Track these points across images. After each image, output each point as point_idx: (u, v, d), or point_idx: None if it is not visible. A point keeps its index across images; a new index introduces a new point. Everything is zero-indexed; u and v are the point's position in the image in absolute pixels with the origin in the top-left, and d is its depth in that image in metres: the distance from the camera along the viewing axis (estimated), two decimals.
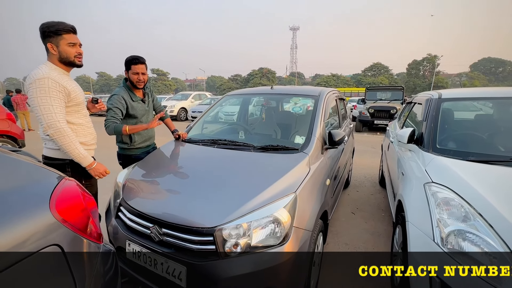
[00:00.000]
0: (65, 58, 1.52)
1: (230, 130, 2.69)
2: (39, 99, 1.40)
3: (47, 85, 1.41)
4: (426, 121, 2.13)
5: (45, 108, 1.41)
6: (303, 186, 1.53)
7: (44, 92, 1.40)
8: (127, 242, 1.48)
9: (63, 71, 1.55)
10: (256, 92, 2.98)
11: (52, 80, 1.43)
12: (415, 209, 1.55)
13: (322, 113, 2.17)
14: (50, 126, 1.42)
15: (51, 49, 1.49)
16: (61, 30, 1.48)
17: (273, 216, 1.31)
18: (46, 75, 1.42)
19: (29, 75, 1.45)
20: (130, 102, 2.09)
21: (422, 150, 1.92)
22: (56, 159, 1.58)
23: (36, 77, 1.40)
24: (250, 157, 1.83)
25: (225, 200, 1.42)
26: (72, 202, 0.83)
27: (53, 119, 1.42)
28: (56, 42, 1.49)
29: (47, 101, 1.41)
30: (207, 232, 1.27)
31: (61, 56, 1.51)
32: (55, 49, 1.49)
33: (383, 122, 9.65)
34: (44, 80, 1.40)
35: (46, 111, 1.41)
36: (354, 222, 2.85)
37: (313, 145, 1.88)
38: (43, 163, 1.59)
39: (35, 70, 1.46)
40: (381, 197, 3.55)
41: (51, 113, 1.42)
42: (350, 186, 3.96)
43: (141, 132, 2.18)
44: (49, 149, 1.58)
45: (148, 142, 2.29)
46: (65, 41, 1.50)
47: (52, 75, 1.44)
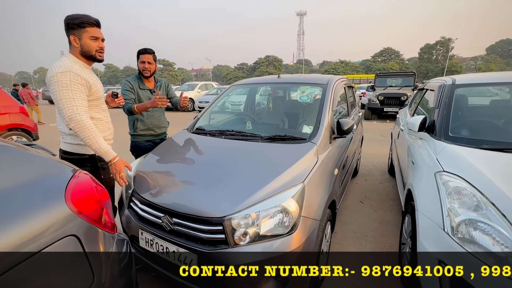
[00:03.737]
0: (87, 52, 1.51)
1: (237, 120, 2.69)
2: (61, 93, 1.39)
3: (69, 78, 1.40)
4: (438, 108, 2.06)
5: (66, 102, 1.39)
6: (311, 176, 1.53)
7: (66, 86, 1.39)
8: (140, 231, 1.53)
9: (85, 65, 1.54)
10: (263, 81, 2.94)
11: (74, 74, 1.42)
12: (425, 198, 1.53)
13: (330, 102, 2.14)
14: (71, 119, 1.41)
15: (74, 42, 1.48)
16: (85, 23, 1.47)
17: (281, 206, 1.32)
18: (68, 69, 1.41)
19: (51, 67, 1.44)
20: (137, 89, 2.25)
21: (433, 138, 1.87)
22: (74, 153, 1.59)
23: (57, 70, 1.39)
24: (258, 148, 1.84)
25: (234, 190, 1.44)
26: (86, 194, 0.86)
27: (74, 112, 1.41)
28: (79, 35, 1.47)
29: (68, 94, 1.40)
30: (216, 221, 1.30)
31: (82, 49, 1.50)
32: (78, 42, 1.48)
33: (393, 110, 9.41)
34: (66, 73, 1.40)
35: (67, 104, 1.39)
36: (362, 211, 2.85)
37: (321, 135, 1.87)
38: (61, 158, 1.62)
39: (56, 62, 1.45)
40: (390, 186, 3.52)
41: (73, 106, 1.40)
42: (359, 175, 3.93)
43: (144, 120, 2.30)
44: (67, 143, 1.59)
45: (152, 131, 2.37)
46: (87, 34, 1.48)
47: (74, 68, 1.44)
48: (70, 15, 1.49)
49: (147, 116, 2.33)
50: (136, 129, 2.32)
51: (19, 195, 0.70)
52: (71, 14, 1.49)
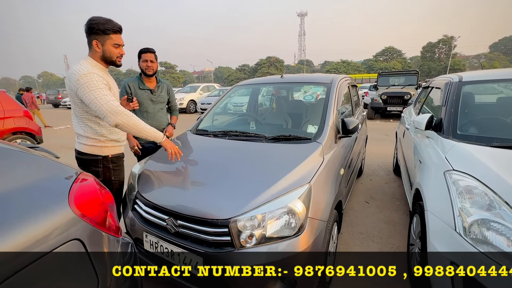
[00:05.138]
0: (108, 58, 1.52)
1: (241, 121, 2.67)
2: (93, 93, 1.38)
3: (94, 78, 1.40)
4: (445, 106, 2.03)
5: (102, 99, 1.38)
6: (317, 176, 1.50)
7: (95, 86, 1.39)
8: (144, 234, 1.51)
9: (103, 68, 1.55)
10: (266, 82, 2.92)
11: (97, 75, 1.43)
12: (435, 198, 1.50)
13: (335, 101, 2.11)
14: (115, 112, 1.39)
15: (95, 46, 1.47)
16: (110, 30, 1.46)
17: (288, 207, 1.30)
18: (90, 71, 1.41)
19: (71, 71, 1.43)
20: (135, 89, 2.27)
21: (441, 136, 1.84)
22: (89, 154, 1.59)
23: (81, 73, 1.39)
24: (262, 148, 1.82)
25: (239, 191, 1.41)
26: (90, 197, 0.85)
27: (113, 105, 1.40)
28: (102, 41, 1.47)
29: (100, 92, 1.39)
30: (222, 223, 1.28)
31: (104, 55, 1.50)
32: (100, 47, 1.48)
33: (396, 109, 9.35)
34: (90, 74, 1.40)
35: (103, 101, 1.38)
36: (368, 211, 2.81)
37: (326, 134, 1.84)
38: (76, 158, 1.64)
39: (76, 66, 1.44)
40: (396, 186, 3.48)
41: (109, 101, 1.39)
42: (364, 175, 3.89)
43: (144, 121, 2.25)
44: (82, 144, 1.59)
45: None
46: (111, 41, 1.49)
47: (95, 71, 1.44)
48: (95, 19, 1.46)
49: (147, 117, 2.33)
50: None
51: (21, 198, 0.68)
52: (95, 18, 1.47)
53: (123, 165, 1.77)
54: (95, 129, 1.56)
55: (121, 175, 1.74)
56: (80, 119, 1.55)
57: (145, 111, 2.32)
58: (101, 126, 1.57)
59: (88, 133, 1.55)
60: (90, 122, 1.54)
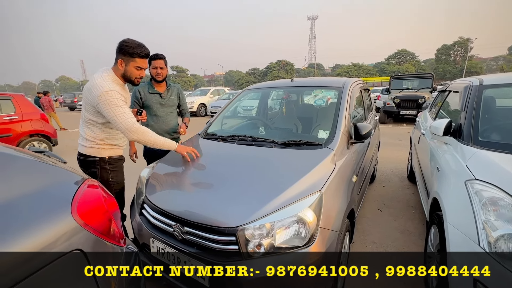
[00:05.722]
0: (128, 77, 1.62)
1: (250, 125, 2.64)
2: (113, 110, 1.49)
3: (115, 96, 1.50)
4: (465, 111, 1.92)
5: (121, 116, 1.50)
6: (328, 183, 1.44)
7: (115, 103, 1.49)
8: (151, 240, 1.49)
9: (121, 83, 1.64)
10: (276, 85, 2.88)
11: (117, 92, 1.52)
12: (455, 209, 1.41)
13: (347, 105, 2.05)
14: (131, 130, 1.52)
15: (119, 64, 1.57)
16: (137, 54, 1.56)
17: (298, 216, 1.25)
18: (111, 88, 1.51)
19: (94, 84, 1.50)
20: (145, 93, 2.31)
21: (461, 143, 1.74)
22: (87, 155, 1.67)
23: (103, 90, 1.48)
24: (271, 154, 1.77)
25: (247, 199, 1.37)
26: (93, 205, 0.83)
27: (130, 123, 1.52)
28: (126, 61, 1.57)
29: (120, 110, 1.50)
30: (229, 232, 1.24)
31: (125, 74, 1.60)
32: (123, 66, 1.58)
33: (410, 113, 9.10)
34: (111, 92, 1.49)
35: (122, 119, 1.50)
36: (381, 220, 2.70)
37: (338, 140, 1.78)
38: (77, 159, 1.72)
39: (98, 79, 1.52)
40: (410, 193, 3.35)
41: (127, 119, 1.52)
42: (376, 181, 3.77)
43: (153, 125, 2.35)
44: (82, 145, 1.68)
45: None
46: (135, 63, 1.58)
47: (116, 88, 1.53)
48: (127, 41, 1.56)
49: (156, 120, 2.36)
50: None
51: (22, 206, 0.67)
52: (128, 40, 1.57)
53: (121, 166, 1.82)
54: (96, 133, 1.63)
55: (119, 176, 1.78)
56: (85, 123, 1.63)
57: (155, 114, 2.35)
58: (103, 132, 1.64)
59: (88, 136, 1.63)
60: (94, 127, 1.62)
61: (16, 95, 5.27)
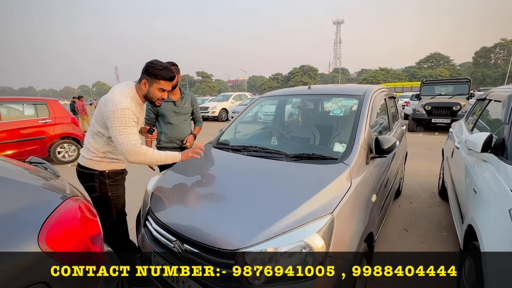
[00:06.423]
0: (150, 98, 1.59)
1: (263, 134, 2.53)
2: (120, 129, 1.45)
3: (128, 115, 1.46)
4: (509, 124, 1.67)
5: (124, 137, 1.46)
6: (342, 205, 1.29)
7: (125, 123, 1.46)
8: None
9: (140, 102, 1.61)
10: (291, 93, 2.75)
11: (132, 112, 1.49)
12: (496, 241, 1.19)
13: (367, 116, 1.87)
14: (130, 153, 1.48)
15: (143, 85, 1.55)
16: (161, 77, 1.54)
17: (304, 242, 1.11)
18: (128, 106, 1.47)
19: (111, 97, 1.48)
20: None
21: (504, 162, 1.49)
22: (87, 168, 1.63)
23: (119, 106, 1.45)
24: (281, 168, 1.65)
25: (250, 218, 1.26)
26: (66, 230, 0.76)
27: (131, 145, 1.47)
28: (150, 82, 1.55)
29: (126, 130, 1.46)
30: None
31: (147, 95, 1.58)
32: (146, 87, 1.56)
33: (443, 121, 8.41)
34: (126, 111, 1.46)
35: (125, 139, 1.46)
36: (407, 242, 2.44)
37: (355, 154, 1.61)
38: (76, 171, 1.68)
39: (118, 95, 1.49)
40: (442, 212, 3.01)
41: (130, 141, 1.47)
42: (402, 196, 3.46)
43: (167, 132, 2.36)
44: (83, 157, 1.64)
45: (174, 144, 2.41)
46: (158, 85, 1.56)
47: (132, 107, 1.50)
48: (154, 63, 1.55)
49: (170, 128, 2.36)
50: (159, 141, 2.41)
51: None
52: (155, 62, 1.55)
53: (122, 180, 1.75)
54: (100, 145, 1.59)
55: (119, 191, 1.71)
56: (93, 133, 1.59)
57: (168, 122, 2.36)
58: (108, 145, 1.60)
59: (91, 147, 1.59)
60: (100, 139, 1.58)
61: (51, 100, 5.66)
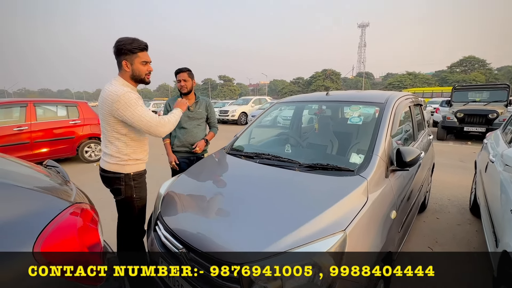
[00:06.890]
0: (137, 76, 1.56)
1: (278, 141, 2.47)
2: (137, 111, 1.46)
3: (132, 97, 1.46)
4: None
5: (147, 115, 1.50)
6: (356, 222, 1.20)
7: (135, 104, 1.46)
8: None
9: (133, 87, 1.58)
10: (308, 99, 2.67)
11: (133, 93, 1.49)
12: None
13: (388, 125, 1.75)
14: (160, 124, 1.55)
15: (125, 66, 1.52)
16: (136, 49, 1.50)
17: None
18: (126, 90, 1.47)
19: (106, 93, 1.46)
20: (173, 106, 2.35)
21: None
22: (112, 172, 1.62)
23: (119, 94, 1.44)
24: (293, 178, 1.58)
25: (257, 232, 1.22)
26: (63, 240, 0.76)
27: (155, 118, 1.54)
28: (131, 60, 1.51)
29: (141, 109, 1.48)
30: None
31: (134, 74, 1.54)
32: (129, 67, 1.52)
33: (477, 129, 7.80)
34: (127, 94, 1.45)
35: (149, 116, 1.51)
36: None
37: (373, 167, 1.51)
38: (100, 175, 1.69)
39: (110, 87, 1.48)
40: (473, 230, 2.75)
41: (153, 116, 1.53)
42: (428, 211, 3.22)
43: (180, 137, 2.41)
44: (105, 162, 1.63)
45: (187, 148, 2.44)
46: (139, 59, 1.52)
47: (129, 90, 1.50)
48: (122, 40, 1.50)
49: (183, 133, 2.40)
50: (173, 145, 2.45)
51: None
52: (122, 39, 1.50)
53: (144, 182, 1.76)
54: (120, 148, 1.58)
55: (142, 192, 1.72)
56: (108, 138, 1.58)
57: (182, 127, 2.40)
58: (128, 146, 1.59)
59: (113, 152, 1.58)
60: (118, 141, 1.57)
61: (81, 102, 6.02)
